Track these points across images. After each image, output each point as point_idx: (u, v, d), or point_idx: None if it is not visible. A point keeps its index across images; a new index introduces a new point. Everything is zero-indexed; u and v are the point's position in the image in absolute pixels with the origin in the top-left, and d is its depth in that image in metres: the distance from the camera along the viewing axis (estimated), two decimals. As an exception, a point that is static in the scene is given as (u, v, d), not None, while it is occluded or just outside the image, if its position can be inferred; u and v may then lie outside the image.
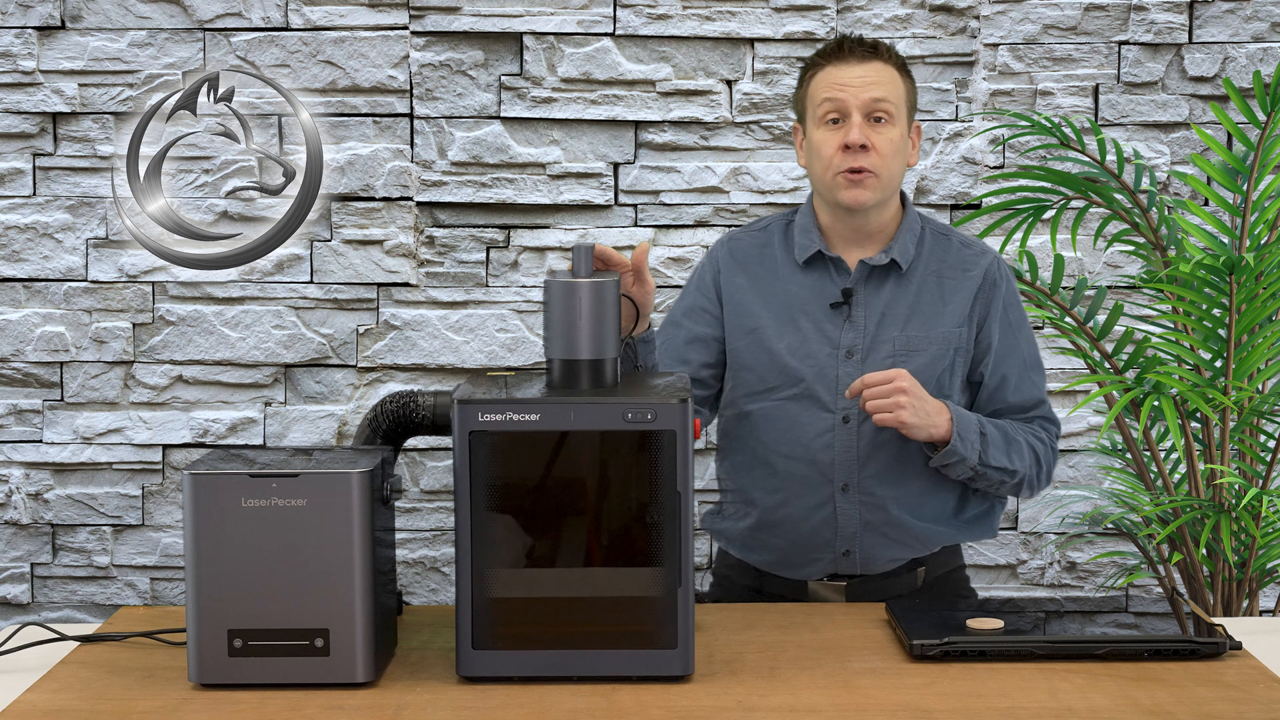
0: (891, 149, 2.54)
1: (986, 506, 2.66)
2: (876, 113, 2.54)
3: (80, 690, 2.02)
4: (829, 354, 2.58)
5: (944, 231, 2.67)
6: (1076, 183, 3.33)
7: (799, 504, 2.59)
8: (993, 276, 2.62)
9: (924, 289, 2.60)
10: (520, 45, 3.71)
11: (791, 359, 2.59)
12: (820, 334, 2.59)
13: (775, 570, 2.64)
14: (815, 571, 2.61)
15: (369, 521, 2.01)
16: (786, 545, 2.62)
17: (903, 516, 2.57)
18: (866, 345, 2.58)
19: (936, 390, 2.56)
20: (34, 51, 3.68)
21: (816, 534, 2.59)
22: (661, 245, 3.74)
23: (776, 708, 1.94)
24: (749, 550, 2.67)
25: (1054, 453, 2.63)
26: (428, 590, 3.83)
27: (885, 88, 2.54)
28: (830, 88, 2.55)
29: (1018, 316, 2.65)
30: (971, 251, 2.65)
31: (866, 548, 2.58)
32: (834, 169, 2.55)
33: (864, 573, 2.60)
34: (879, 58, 2.57)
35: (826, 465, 2.58)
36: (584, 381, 2.08)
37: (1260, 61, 3.69)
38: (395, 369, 3.77)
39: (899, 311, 2.59)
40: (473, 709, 1.94)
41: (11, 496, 3.77)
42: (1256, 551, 3.24)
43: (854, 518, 2.57)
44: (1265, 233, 3.26)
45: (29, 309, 3.74)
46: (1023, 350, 2.64)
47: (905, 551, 2.60)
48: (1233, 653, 2.14)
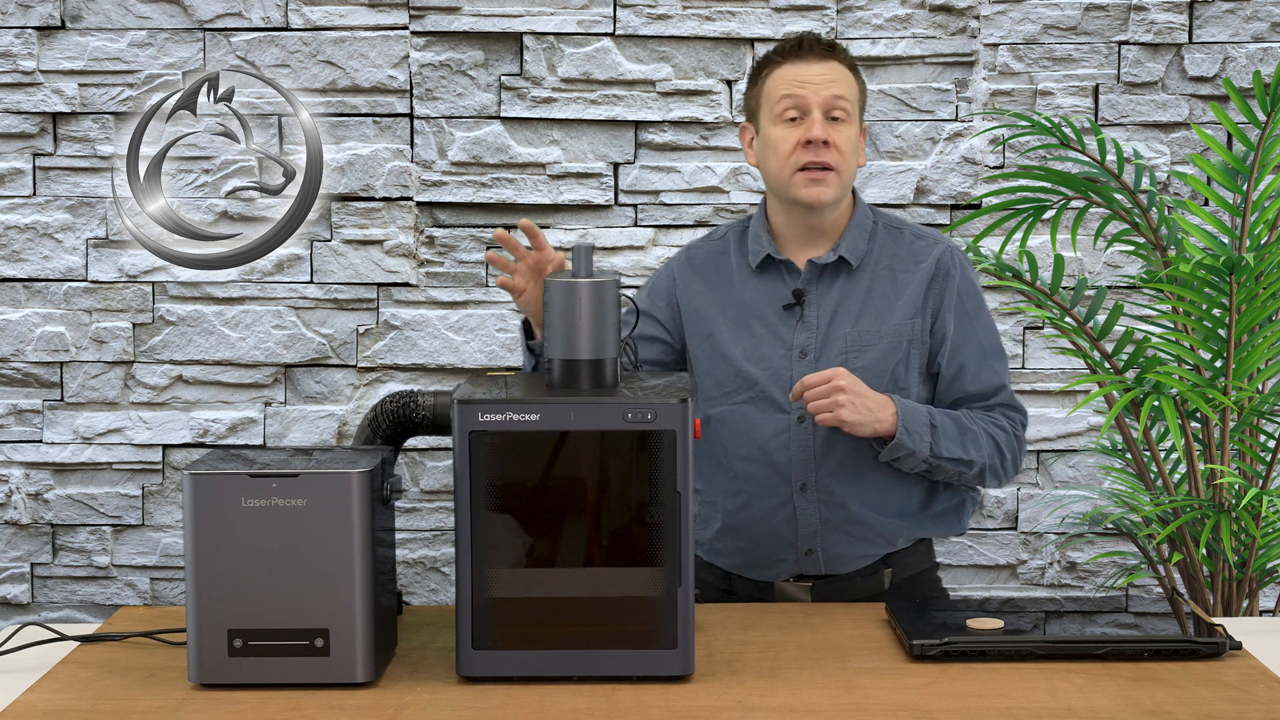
0: (849, 146, 2.55)
1: (957, 501, 2.65)
2: (835, 111, 2.54)
3: (80, 690, 2.02)
4: (783, 355, 2.58)
5: (896, 225, 2.66)
6: (1076, 183, 3.33)
7: (759, 505, 2.59)
8: (945, 266, 2.61)
9: (876, 284, 2.60)
10: (520, 45, 3.71)
11: (746, 363, 2.59)
12: (773, 336, 2.60)
13: (742, 572, 2.64)
14: (780, 572, 2.61)
15: (369, 521, 2.01)
16: (751, 547, 2.62)
17: (864, 513, 2.57)
18: (819, 344, 2.57)
19: (892, 383, 2.56)
20: (34, 51, 3.69)
21: (778, 534, 2.59)
22: (661, 245, 3.75)
23: (776, 708, 1.94)
24: (716, 554, 2.67)
25: (1018, 440, 2.61)
26: (428, 590, 3.83)
27: (843, 86, 2.55)
28: (790, 84, 2.55)
29: (974, 305, 2.63)
30: (924, 243, 2.64)
31: (829, 546, 2.58)
32: (793, 165, 2.55)
33: (829, 572, 2.60)
34: (835, 57, 2.57)
35: (784, 465, 2.58)
36: (584, 381, 2.08)
37: (1260, 61, 3.69)
38: (395, 369, 3.77)
39: (850, 308, 2.58)
40: (473, 709, 1.94)
41: (11, 496, 3.77)
42: (1256, 551, 3.24)
43: (814, 516, 2.57)
44: (1265, 233, 3.26)
45: (29, 309, 3.74)
46: (980, 338, 2.62)
47: (870, 548, 2.59)
48: (1233, 653, 2.14)
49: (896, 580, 2.63)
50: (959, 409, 2.60)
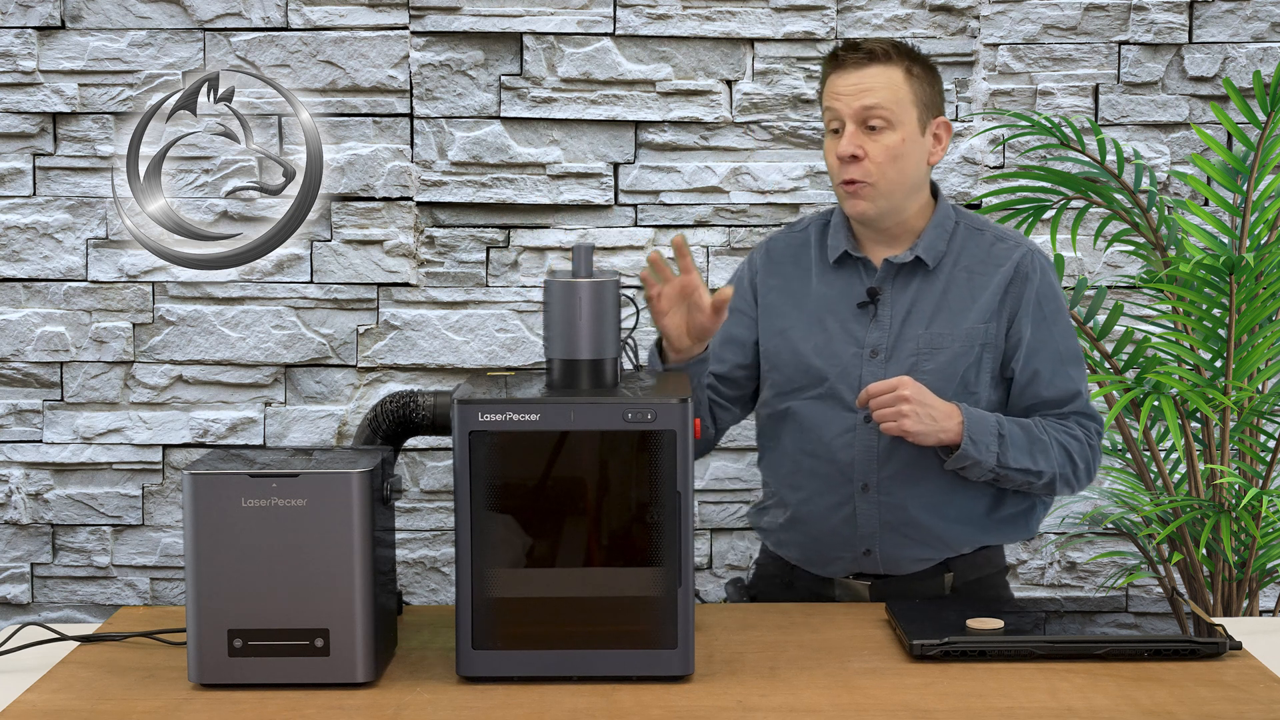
0: (887, 155, 2.51)
1: (1026, 506, 2.62)
2: (871, 120, 2.51)
3: (80, 690, 2.02)
4: (854, 354, 2.57)
5: (979, 226, 2.63)
6: (1076, 183, 3.33)
7: (820, 502, 2.59)
8: (1025, 269, 2.58)
9: (952, 285, 2.58)
10: (520, 45, 3.71)
11: (816, 359, 2.58)
12: (846, 334, 2.58)
13: (804, 566, 2.65)
14: (839, 570, 2.61)
15: (369, 521, 2.01)
16: (810, 542, 2.62)
17: (923, 517, 2.55)
18: (891, 344, 2.56)
19: (961, 387, 2.54)
20: (34, 51, 3.69)
21: (837, 532, 2.58)
22: (662, 245, 3.75)
23: (776, 708, 1.94)
24: (781, 545, 2.68)
25: (1092, 449, 2.58)
26: (428, 590, 3.83)
27: (880, 94, 2.51)
28: (830, 96, 2.55)
29: (1053, 310, 2.59)
30: (1005, 245, 2.60)
31: (887, 548, 2.57)
32: (836, 179, 2.56)
33: (888, 573, 2.59)
34: (877, 61, 2.52)
35: (846, 465, 2.57)
36: (584, 381, 2.08)
37: (1260, 61, 3.69)
38: (395, 369, 3.77)
39: (924, 309, 2.56)
40: (473, 709, 1.94)
41: (11, 496, 3.77)
42: (1256, 551, 3.24)
43: (873, 517, 2.56)
44: (1265, 233, 3.26)
45: (29, 309, 3.74)
46: (1057, 344, 2.58)
47: (929, 552, 2.58)
48: (1233, 653, 2.14)
49: (959, 584, 2.60)
50: (1032, 415, 2.57)
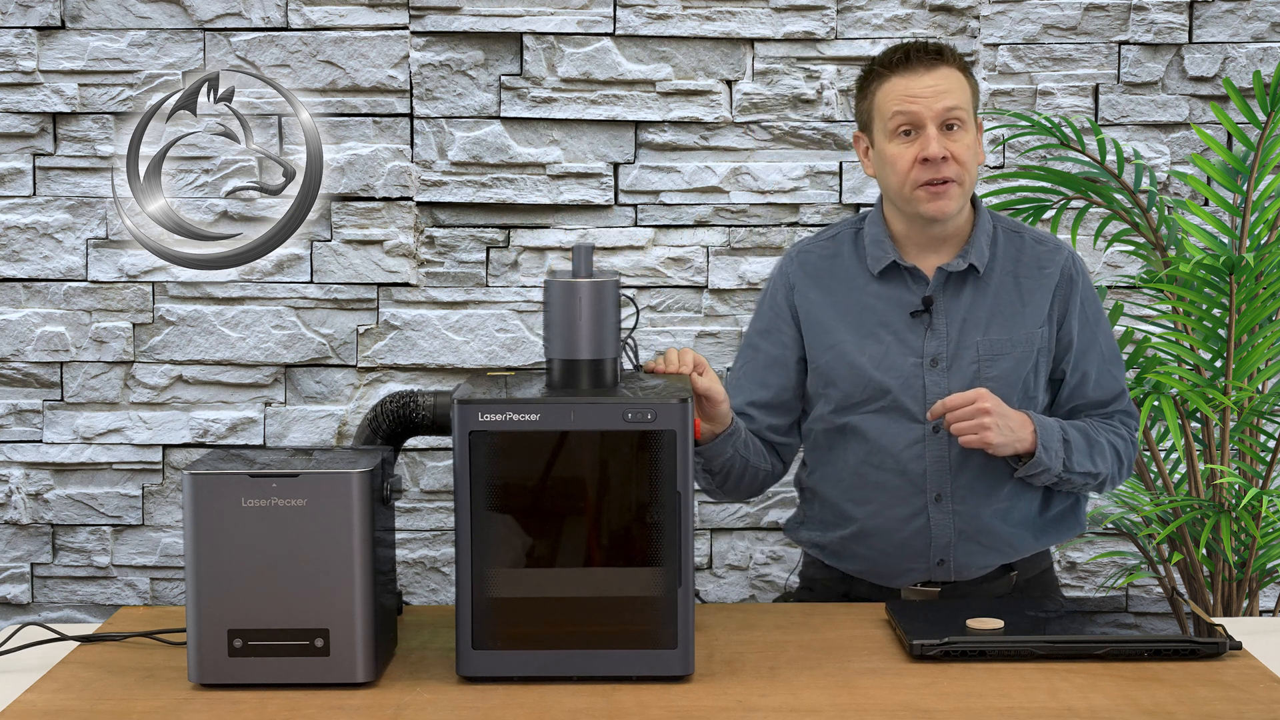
0: (969, 155, 2.52)
1: (1070, 503, 2.65)
2: (950, 120, 2.50)
3: (80, 690, 2.02)
4: (913, 364, 2.56)
5: (1016, 229, 2.64)
6: (1076, 183, 3.33)
7: (890, 515, 2.57)
8: (1069, 272, 2.60)
9: (1002, 291, 2.58)
10: (520, 45, 3.71)
11: (876, 371, 2.56)
12: (902, 344, 2.57)
13: (866, 578, 2.63)
14: (908, 580, 2.60)
15: (369, 521, 2.01)
16: (878, 556, 2.60)
17: (994, 523, 2.56)
18: (951, 352, 2.55)
19: (1023, 393, 2.55)
20: (34, 51, 3.69)
21: (909, 545, 2.57)
22: (661, 245, 3.75)
23: (776, 708, 1.94)
24: (840, 559, 2.65)
25: (1134, 446, 2.63)
26: (428, 590, 3.83)
27: (955, 95, 2.51)
28: (901, 99, 2.51)
29: (1095, 311, 2.63)
30: (1045, 248, 2.62)
31: (960, 556, 2.57)
32: (912, 182, 2.52)
33: (958, 579, 2.59)
34: (945, 63, 2.52)
35: (918, 476, 2.56)
36: (584, 381, 2.08)
37: (1260, 61, 3.69)
38: (395, 369, 3.77)
39: (979, 316, 2.56)
40: (473, 709, 1.94)
41: (11, 496, 3.77)
42: (1256, 551, 3.24)
43: (948, 528, 2.56)
44: (1265, 233, 3.26)
45: (29, 309, 3.74)
46: (1101, 345, 2.62)
47: (997, 558, 2.59)
48: (1233, 653, 2.14)
49: (1020, 582, 2.62)
50: (1078, 415, 2.60)
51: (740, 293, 3.73)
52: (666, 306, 3.75)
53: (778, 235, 3.71)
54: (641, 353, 3.62)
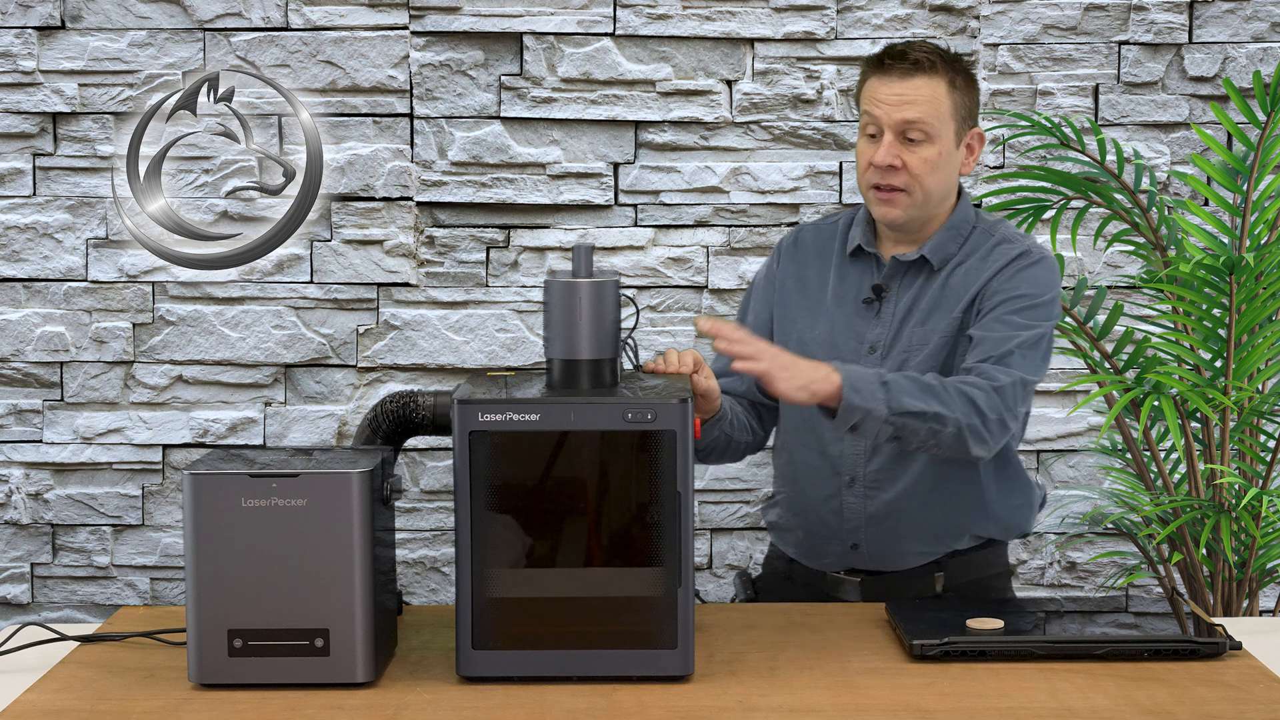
0: (925, 167, 2.51)
1: (1022, 501, 2.62)
2: (910, 133, 2.50)
3: (80, 690, 2.02)
4: (853, 348, 2.58)
5: (990, 230, 2.61)
6: (1076, 183, 3.33)
7: (811, 494, 2.62)
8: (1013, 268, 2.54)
9: (950, 285, 2.57)
10: (520, 45, 3.71)
11: (818, 351, 2.57)
12: (849, 329, 2.60)
13: (800, 559, 2.67)
14: (831, 563, 2.63)
15: (369, 521, 2.01)
16: (803, 535, 2.65)
17: (910, 509, 2.56)
18: (889, 341, 2.57)
19: (942, 373, 2.51)
20: (34, 51, 3.69)
21: (826, 524, 2.61)
22: (661, 245, 3.75)
23: (776, 708, 1.94)
24: (782, 539, 2.71)
25: (998, 396, 2.39)
26: (428, 590, 3.83)
27: (921, 107, 2.49)
28: (870, 100, 2.54)
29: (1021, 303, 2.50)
30: (1007, 246, 2.58)
31: (874, 541, 2.58)
32: (866, 182, 2.56)
33: (878, 569, 2.60)
34: (922, 72, 2.50)
35: (835, 458, 2.59)
36: (584, 381, 2.08)
37: (1260, 61, 3.69)
38: (395, 369, 3.77)
39: (922, 308, 2.57)
40: (473, 709, 1.94)
41: (11, 496, 3.77)
42: (1256, 551, 3.24)
43: (859, 511, 2.58)
44: (1265, 233, 3.26)
45: (29, 309, 3.74)
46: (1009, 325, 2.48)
47: (921, 545, 2.58)
48: (1233, 653, 2.14)
49: (951, 585, 2.60)
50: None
51: (740, 293, 3.72)
52: (666, 306, 3.75)
53: (778, 235, 3.71)
54: (641, 353, 3.62)
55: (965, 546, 2.61)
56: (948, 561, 2.60)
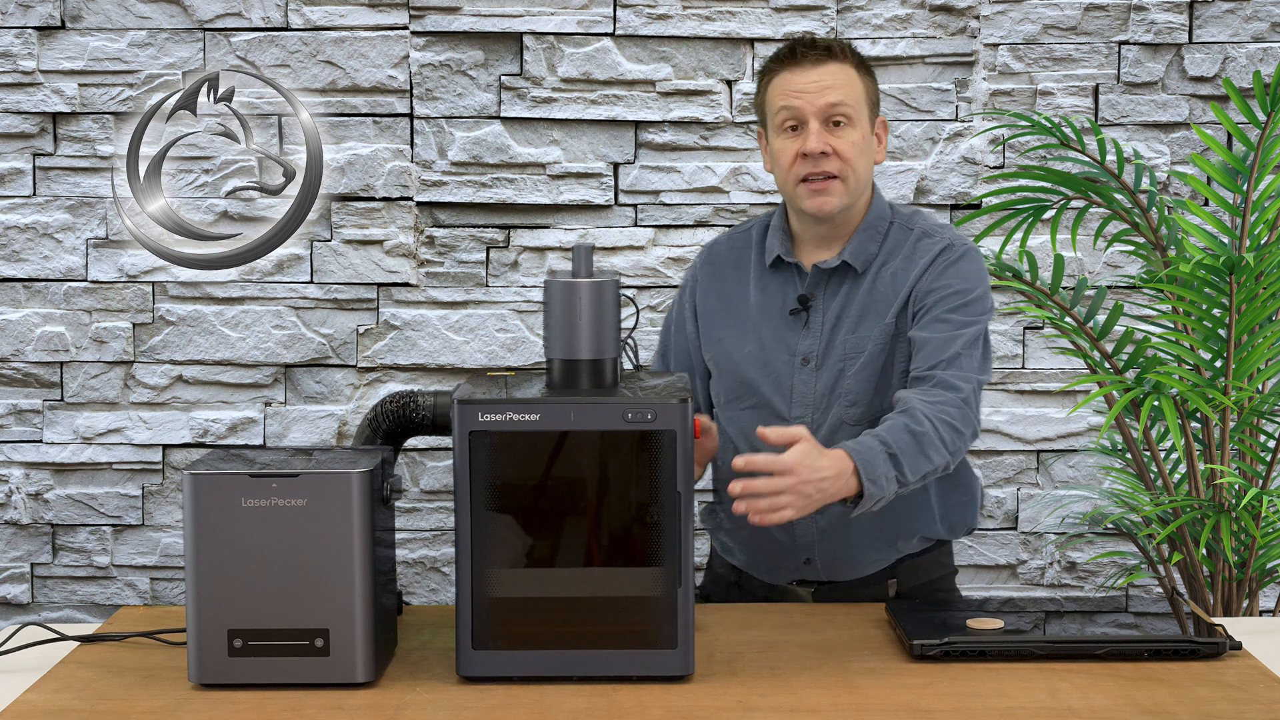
0: (854, 151, 2.48)
1: (966, 499, 2.60)
2: (834, 117, 2.46)
3: (80, 690, 2.02)
4: (785, 362, 2.54)
5: (909, 224, 2.57)
6: (1076, 183, 3.32)
7: None
8: (941, 263, 2.49)
9: (877, 287, 2.52)
10: (520, 45, 3.71)
11: (750, 369, 2.55)
12: (779, 342, 2.55)
13: (749, 571, 2.64)
14: (783, 577, 2.60)
15: (369, 521, 2.01)
16: (753, 551, 2.61)
17: (861, 521, 2.46)
18: (821, 351, 2.52)
19: (881, 378, 2.48)
20: (34, 51, 3.69)
21: (776, 541, 2.57)
22: (661, 245, 3.75)
23: (776, 708, 1.94)
24: (728, 552, 2.68)
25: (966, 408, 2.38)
26: (428, 590, 3.83)
27: (841, 90, 2.47)
28: (786, 95, 2.49)
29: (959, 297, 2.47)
30: (930, 240, 2.53)
31: (827, 555, 2.55)
32: (794, 178, 2.49)
33: (831, 579, 2.57)
34: (834, 59, 2.49)
35: None
36: (584, 381, 2.08)
37: (1260, 61, 3.69)
38: (395, 369, 3.77)
39: (851, 314, 2.52)
40: (473, 709, 1.94)
41: (11, 496, 3.77)
42: (1256, 551, 3.24)
43: (810, 527, 2.54)
44: (1265, 233, 3.26)
45: (29, 309, 3.74)
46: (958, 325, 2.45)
47: (872, 554, 2.55)
48: (1233, 653, 2.14)
49: (904, 589, 2.58)
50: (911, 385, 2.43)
51: (740, 293, 3.72)
52: (666, 307, 3.75)
53: (778, 235, 3.71)
54: (641, 353, 3.62)
55: (915, 550, 2.59)
56: (899, 566, 2.58)
